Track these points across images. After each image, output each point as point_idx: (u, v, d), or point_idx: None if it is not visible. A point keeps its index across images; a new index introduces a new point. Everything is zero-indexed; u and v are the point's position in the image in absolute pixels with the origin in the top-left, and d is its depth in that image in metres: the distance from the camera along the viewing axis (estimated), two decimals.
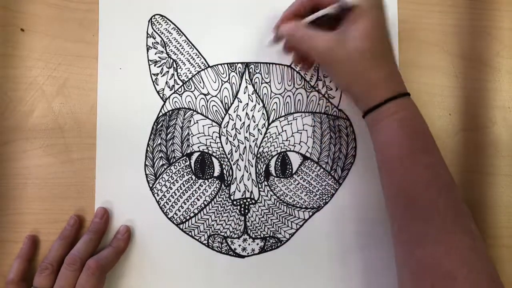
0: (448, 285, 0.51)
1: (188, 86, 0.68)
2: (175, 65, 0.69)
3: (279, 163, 0.68)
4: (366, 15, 0.56)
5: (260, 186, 0.68)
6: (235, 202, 0.68)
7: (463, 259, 0.52)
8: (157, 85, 0.69)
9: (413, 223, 0.55)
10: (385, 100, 0.57)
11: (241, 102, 0.68)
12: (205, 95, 0.68)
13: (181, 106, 0.68)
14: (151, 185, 0.68)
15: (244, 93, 0.68)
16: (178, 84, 0.69)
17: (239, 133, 0.68)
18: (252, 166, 0.68)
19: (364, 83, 0.59)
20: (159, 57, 0.69)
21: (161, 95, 0.68)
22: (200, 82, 0.68)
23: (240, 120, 0.68)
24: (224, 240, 0.68)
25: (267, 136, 0.68)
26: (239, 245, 0.68)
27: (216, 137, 0.68)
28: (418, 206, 0.55)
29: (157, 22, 0.69)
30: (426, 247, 0.53)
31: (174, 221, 0.68)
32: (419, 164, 0.56)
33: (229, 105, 0.68)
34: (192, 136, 0.68)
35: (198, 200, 0.68)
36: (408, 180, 0.56)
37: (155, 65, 0.69)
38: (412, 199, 0.56)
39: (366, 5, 0.56)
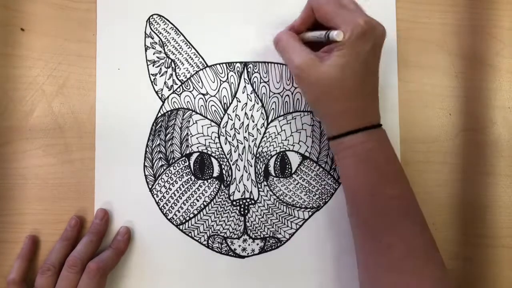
0: None
1: (187, 86, 0.68)
2: (173, 65, 0.69)
3: (278, 163, 0.68)
4: (348, 47, 0.55)
5: (259, 186, 0.68)
6: (234, 203, 0.68)
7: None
8: (156, 85, 0.69)
9: (380, 252, 0.56)
10: (347, 132, 0.58)
11: (240, 101, 0.68)
12: (203, 95, 0.68)
13: (180, 106, 0.68)
14: (150, 186, 0.68)
15: (243, 92, 0.68)
16: (177, 84, 0.69)
17: (238, 133, 0.68)
18: (251, 166, 0.68)
19: (326, 112, 0.59)
20: (157, 57, 0.69)
21: (159, 95, 0.68)
22: (199, 82, 0.68)
23: (239, 120, 0.68)
24: (224, 241, 0.68)
25: (266, 136, 0.68)
26: (239, 246, 0.68)
27: (215, 137, 0.68)
28: (384, 237, 0.56)
29: (155, 22, 0.69)
30: (396, 276, 0.55)
31: (174, 222, 0.68)
32: (381, 196, 0.57)
33: (228, 105, 0.68)
34: (191, 137, 0.68)
35: (198, 200, 0.68)
36: (371, 212, 0.57)
37: (153, 65, 0.69)
38: (377, 230, 0.57)
39: (350, 40, 0.55)
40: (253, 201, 0.68)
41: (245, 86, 0.68)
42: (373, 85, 0.60)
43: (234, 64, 0.69)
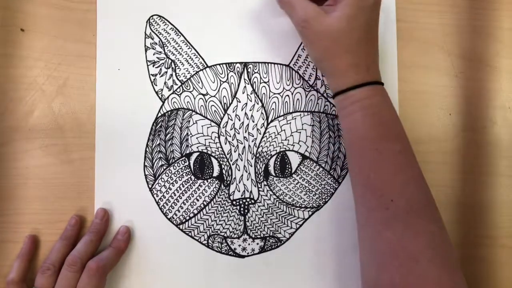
0: (412, 266, 0.53)
1: (187, 87, 0.68)
2: (173, 66, 0.69)
3: (278, 163, 0.68)
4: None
5: (259, 186, 0.68)
6: (234, 202, 0.68)
7: (429, 244, 0.54)
8: (156, 85, 0.69)
9: (381, 207, 0.56)
10: (353, 86, 0.58)
11: (240, 102, 0.68)
12: (203, 95, 0.68)
13: (180, 107, 0.68)
14: (150, 186, 0.68)
15: (243, 93, 0.68)
16: (177, 85, 0.69)
17: (238, 133, 0.68)
18: (251, 166, 0.68)
19: (333, 65, 0.60)
20: (157, 57, 0.69)
21: (159, 95, 0.68)
22: (199, 82, 0.68)
23: (239, 120, 0.68)
24: (224, 240, 0.68)
25: (266, 136, 0.68)
26: (239, 245, 0.68)
27: (215, 137, 0.68)
28: (386, 192, 0.56)
29: (155, 23, 0.69)
30: (395, 230, 0.55)
31: (174, 222, 0.68)
32: (386, 151, 0.57)
33: (228, 105, 0.68)
34: (191, 137, 0.68)
35: (198, 200, 0.68)
36: (374, 166, 0.58)
37: (153, 66, 0.69)
38: (380, 185, 0.57)
39: None
40: (253, 201, 0.68)
41: (245, 86, 0.68)
42: (375, 42, 0.61)
43: (234, 64, 0.69)
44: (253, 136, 0.68)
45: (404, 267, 0.53)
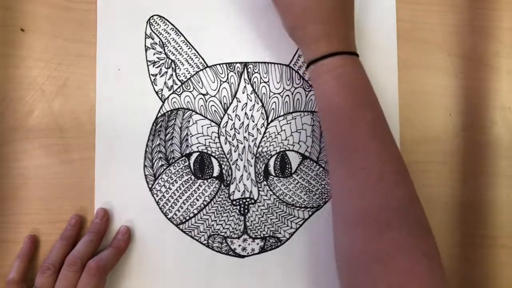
0: (383, 232, 0.53)
1: (187, 87, 0.68)
2: (173, 66, 0.69)
3: (278, 163, 0.68)
4: None
5: (259, 186, 0.68)
6: (234, 202, 0.68)
7: (399, 210, 0.55)
8: (156, 85, 0.69)
9: (352, 175, 0.57)
10: (325, 55, 0.58)
11: (240, 102, 0.68)
12: (203, 95, 0.68)
13: (180, 107, 0.68)
14: (150, 186, 0.68)
15: (243, 93, 0.68)
16: (177, 85, 0.69)
17: (238, 133, 0.68)
18: (251, 166, 0.68)
19: (304, 34, 0.60)
20: (157, 57, 0.69)
21: (159, 95, 0.68)
22: (199, 82, 0.68)
23: (239, 120, 0.68)
24: (224, 240, 0.68)
25: (266, 136, 0.68)
26: (239, 245, 0.68)
27: (215, 137, 0.68)
28: (357, 159, 0.57)
29: (155, 23, 0.69)
30: (365, 197, 0.55)
31: (174, 222, 0.68)
32: (358, 119, 0.57)
33: (228, 105, 0.68)
34: (191, 137, 0.68)
35: (198, 200, 0.68)
36: (347, 134, 0.58)
37: (153, 66, 0.69)
38: (351, 153, 0.57)
39: None
40: (253, 201, 0.68)
41: (245, 86, 0.68)
42: (350, 13, 0.61)
43: (234, 64, 0.69)
44: (253, 136, 0.68)
45: (374, 233, 0.54)
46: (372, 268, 0.53)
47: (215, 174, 0.68)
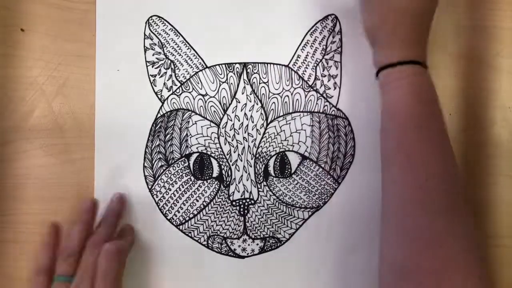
0: (440, 250, 0.52)
1: (186, 87, 0.68)
2: (173, 66, 0.69)
3: (278, 163, 0.68)
4: None
5: (259, 186, 0.68)
6: (234, 203, 0.68)
7: (459, 229, 0.53)
8: (155, 86, 0.69)
9: (414, 187, 0.55)
10: (404, 61, 0.58)
11: (239, 102, 0.68)
12: (203, 95, 0.68)
13: (179, 107, 0.68)
14: (150, 186, 0.68)
15: (242, 93, 0.68)
16: (176, 85, 0.69)
17: (238, 134, 0.68)
18: (251, 166, 0.68)
19: (392, 35, 0.59)
20: (156, 58, 0.69)
21: (159, 96, 0.68)
22: (198, 83, 0.68)
23: (239, 121, 0.68)
24: (223, 241, 0.68)
25: (265, 136, 0.68)
26: (239, 246, 0.68)
27: (215, 137, 0.68)
28: (422, 171, 0.55)
29: (154, 23, 0.69)
30: (427, 211, 0.54)
31: (174, 222, 0.68)
32: (427, 129, 0.57)
33: (227, 105, 0.68)
34: (190, 137, 0.68)
35: (197, 201, 0.68)
36: (415, 144, 0.57)
37: (152, 66, 0.69)
38: (416, 163, 0.56)
39: None
40: (252, 201, 0.68)
41: (244, 87, 0.68)
42: (430, 22, 0.61)
43: (234, 65, 0.69)
44: (252, 136, 0.68)
45: (431, 250, 0.52)
46: (424, 284, 0.52)
47: (214, 174, 0.68)
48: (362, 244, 0.68)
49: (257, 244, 0.68)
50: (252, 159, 0.68)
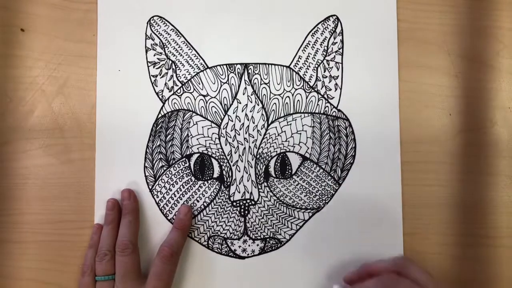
0: None
1: (187, 88, 0.68)
2: (174, 67, 0.69)
3: (278, 164, 0.68)
4: None
5: (259, 187, 0.68)
6: (234, 203, 0.68)
7: None
8: (156, 86, 0.69)
9: None
10: None
11: (240, 103, 0.68)
12: (204, 96, 0.68)
13: (180, 108, 0.68)
14: (150, 187, 0.68)
15: (243, 94, 0.68)
16: (177, 86, 0.69)
17: (239, 134, 0.68)
18: (251, 167, 0.68)
19: None
20: (158, 58, 0.69)
21: (160, 96, 0.68)
22: (199, 83, 0.68)
23: (240, 121, 0.68)
24: (224, 242, 0.68)
25: (266, 137, 0.68)
26: (239, 246, 0.68)
27: (216, 138, 0.68)
28: None
29: (156, 24, 0.69)
30: None
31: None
32: None
33: (228, 106, 0.68)
34: (191, 138, 0.68)
35: (198, 201, 0.68)
36: None
37: (154, 67, 0.69)
38: None
39: None
40: (253, 202, 0.68)
41: (245, 88, 0.68)
42: None
43: (235, 65, 0.69)
44: (253, 137, 0.68)
45: None
46: None
47: (215, 175, 0.68)
48: (362, 245, 0.68)
49: (258, 245, 0.68)
50: (252, 159, 0.67)
